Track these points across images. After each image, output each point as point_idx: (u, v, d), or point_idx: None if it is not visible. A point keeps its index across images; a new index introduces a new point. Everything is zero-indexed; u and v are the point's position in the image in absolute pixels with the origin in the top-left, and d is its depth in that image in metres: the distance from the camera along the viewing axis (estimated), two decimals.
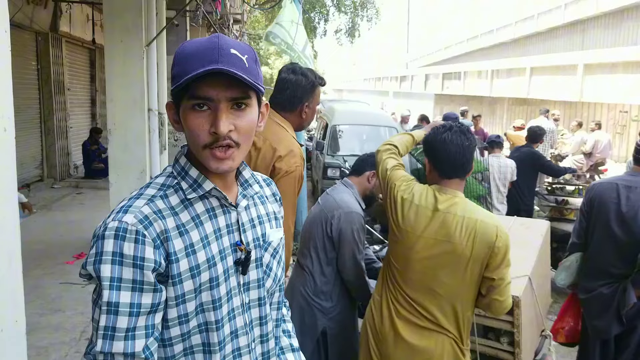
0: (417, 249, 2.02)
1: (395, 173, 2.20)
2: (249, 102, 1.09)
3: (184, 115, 1.08)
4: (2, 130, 2.27)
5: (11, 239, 2.37)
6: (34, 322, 4.00)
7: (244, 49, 1.09)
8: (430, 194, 2.06)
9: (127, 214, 1.04)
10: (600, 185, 3.02)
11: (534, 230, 2.76)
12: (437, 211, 2.00)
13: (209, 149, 1.07)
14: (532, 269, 2.43)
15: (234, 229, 1.17)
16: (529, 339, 2.41)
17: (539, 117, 10.44)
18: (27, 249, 2.49)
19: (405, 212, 2.07)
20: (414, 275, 2.05)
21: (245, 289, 1.20)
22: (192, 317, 1.10)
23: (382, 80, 39.42)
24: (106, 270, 1.01)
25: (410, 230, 2.05)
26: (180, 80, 1.04)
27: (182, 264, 1.07)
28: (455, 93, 23.46)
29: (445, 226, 1.98)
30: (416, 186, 2.12)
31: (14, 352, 2.38)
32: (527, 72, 16.51)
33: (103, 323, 1.01)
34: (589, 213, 3.01)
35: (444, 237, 1.97)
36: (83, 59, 11.39)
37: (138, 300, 1.02)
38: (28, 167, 9.02)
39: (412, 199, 2.07)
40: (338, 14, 21.26)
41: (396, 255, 2.12)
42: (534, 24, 22.56)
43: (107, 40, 5.72)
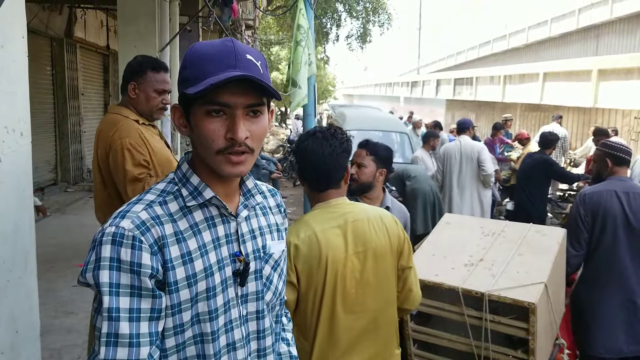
0: (350, 269, 1.84)
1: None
2: (263, 109, 1.09)
3: (197, 120, 1.06)
4: (18, 134, 2.30)
5: (27, 242, 2.40)
6: (47, 324, 4.03)
7: (257, 55, 1.09)
8: (325, 213, 1.88)
9: (124, 220, 1.03)
10: (599, 195, 3.03)
11: (551, 237, 2.73)
12: (346, 223, 1.85)
13: (223, 154, 1.06)
14: (548, 276, 2.40)
15: (233, 239, 1.16)
16: (544, 346, 2.38)
17: (552, 124, 10.36)
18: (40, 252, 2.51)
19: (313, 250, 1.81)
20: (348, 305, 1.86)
21: (243, 301, 1.17)
22: (187, 327, 1.08)
23: (393, 86, 39.35)
24: (104, 277, 0.99)
25: (333, 259, 1.81)
26: (200, 84, 1.02)
27: (179, 272, 1.05)
28: (467, 99, 23.37)
29: (361, 233, 1.85)
30: (300, 223, 1.89)
31: (28, 353, 2.40)
32: (540, 77, 16.37)
33: (105, 330, 0.99)
34: (591, 223, 3.03)
35: (363, 245, 1.85)
36: (97, 64, 11.51)
37: (137, 305, 1.01)
38: (42, 170, 9.11)
39: (310, 232, 1.82)
40: (350, 20, 21.31)
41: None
42: (546, 29, 22.44)
43: (121, 45, 5.80)
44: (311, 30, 5.97)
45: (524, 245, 2.66)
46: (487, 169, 5.73)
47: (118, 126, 2.53)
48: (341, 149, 1.89)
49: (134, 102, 2.63)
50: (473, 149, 5.78)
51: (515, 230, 2.84)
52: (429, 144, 6.58)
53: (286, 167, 13.19)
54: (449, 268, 2.55)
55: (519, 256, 2.58)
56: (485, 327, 2.35)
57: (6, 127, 2.19)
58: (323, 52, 23.47)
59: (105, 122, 2.64)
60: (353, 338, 1.85)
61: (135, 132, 2.53)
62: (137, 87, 2.61)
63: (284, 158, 13.97)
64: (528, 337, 2.27)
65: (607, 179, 3.14)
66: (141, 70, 2.60)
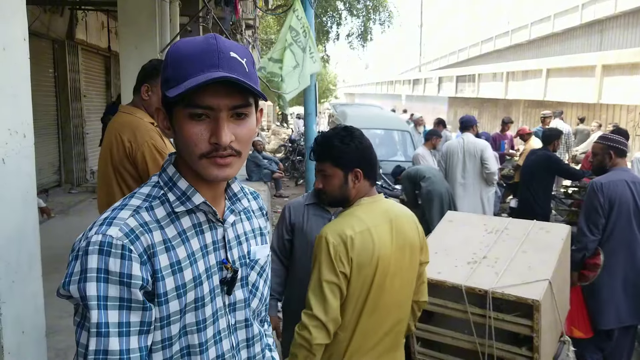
0: (391, 265, 1.87)
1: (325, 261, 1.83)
2: (249, 111, 1.03)
3: (179, 123, 1.00)
4: (21, 136, 2.31)
5: (31, 243, 2.40)
6: (53, 324, 4.02)
7: (243, 52, 1.02)
8: (373, 209, 1.92)
9: (111, 227, 0.96)
10: (615, 184, 3.32)
11: (555, 234, 2.73)
12: (393, 219, 1.91)
13: (207, 158, 1.00)
14: (552, 273, 2.39)
15: (219, 246, 1.10)
16: (548, 344, 2.38)
17: (555, 120, 10.33)
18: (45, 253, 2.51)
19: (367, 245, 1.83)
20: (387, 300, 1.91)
21: (231, 309, 1.12)
22: (175, 340, 1.02)
23: (394, 84, 39.31)
24: (92, 289, 0.92)
25: (383, 256, 1.84)
26: (180, 86, 0.96)
27: (168, 282, 0.99)
28: (469, 96, 23.32)
29: (402, 229, 1.91)
30: (352, 217, 1.89)
31: (34, 353, 2.41)
32: (544, 73, 16.33)
33: (93, 347, 0.92)
34: (608, 211, 3.30)
35: (403, 241, 1.90)
36: (99, 66, 11.51)
37: (127, 319, 0.95)
38: (46, 172, 9.13)
39: (364, 227, 1.84)
40: (350, 18, 21.27)
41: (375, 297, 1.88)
42: (550, 25, 22.35)
43: (122, 46, 5.80)
44: (312, 28, 5.94)
45: (527, 242, 2.66)
46: (491, 166, 5.71)
47: (137, 131, 2.53)
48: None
49: (146, 103, 2.64)
50: (476, 147, 5.76)
51: (518, 227, 2.83)
52: (430, 142, 6.59)
53: (288, 167, 13.19)
54: (452, 266, 2.55)
55: (523, 253, 2.58)
56: (489, 325, 2.35)
57: (9, 129, 2.19)
58: (324, 51, 23.44)
59: (119, 123, 2.63)
60: (385, 331, 1.91)
61: (156, 134, 2.54)
62: (150, 89, 2.62)
63: (286, 157, 13.97)
64: (532, 335, 2.26)
65: (612, 170, 3.42)
66: (155, 74, 2.61)
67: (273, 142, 19.41)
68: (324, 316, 1.78)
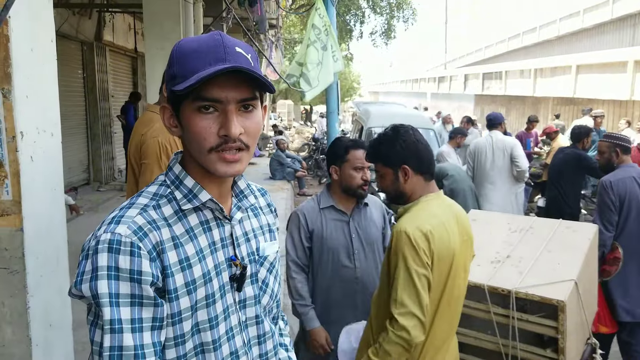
0: (460, 258, 1.91)
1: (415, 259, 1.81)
2: (256, 104, 1.04)
3: (188, 117, 1.01)
4: (49, 135, 2.37)
5: (59, 238, 2.47)
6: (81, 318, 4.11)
7: (247, 48, 1.04)
8: (441, 204, 1.96)
9: (119, 225, 0.97)
10: (624, 182, 3.49)
11: (581, 233, 2.66)
12: (458, 215, 1.97)
13: (217, 152, 1.01)
14: (578, 273, 2.34)
15: (228, 243, 1.11)
16: (574, 346, 2.32)
17: (584, 117, 10.11)
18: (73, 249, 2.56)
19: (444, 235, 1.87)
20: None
21: (241, 306, 1.13)
22: (188, 338, 1.03)
23: (419, 82, 38.99)
24: (103, 287, 0.93)
25: (456, 250, 1.88)
26: (189, 80, 0.97)
27: (178, 278, 1.00)
28: (496, 93, 22.98)
29: (464, 224, 1.97)
30: (425, 212, 1.91)
31: (61, 346, 2.48)
32: (573, 70, 15.97)
33: (108, 344, 0.93)
34: (619, 207, 3.46)
35: (466, 235, 1.96)
36: (126, 67, 11.73)
37: (139, 315, 0.95)
38: (75, 171, 9.34)
39: (438, 221, 1.87)
40: (374, 16, 21.18)
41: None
42: (579, 20, 21.86)
43: (147, 47, 5.90)
44: (333, 27, 5.93)
45: (553, 242, 2.60)
46: (522, 164, 5.58)
47: (151, 126, 2.59)
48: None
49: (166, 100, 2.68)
50: (505, 144, 5.64)
51: (544, 226, 2.78)
52: (454, 141, 6.51)
53: (311, 166, 13.21)
54: (474, 265, 2.50)
55: (548, 253, 2.52)
56: (512, 325, 2.31)
57: (37, 127, 2.25)
58: (347, 50, 23.39)
59: (141, 121, 2.73)
60: (454, 325, 1.98)
61: (167, 130, 2.59)
62: None
63: (309, 156, 14.00)
64: (557, 336, 2.22)
65: (620, 167, 3.62)
66: None
67: (297, 141, 19.48)
68: (421, 313, 1.76)
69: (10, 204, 2.11)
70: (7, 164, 2.09)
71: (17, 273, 2.15)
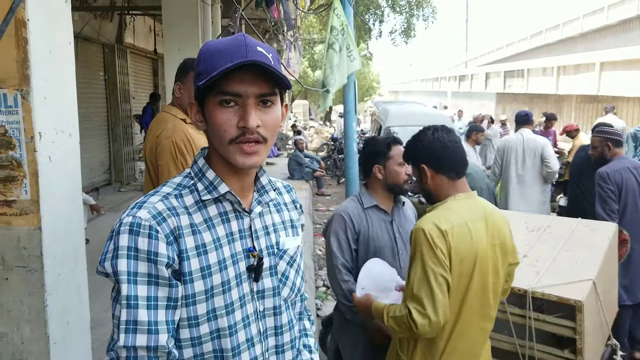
0: (489, 263, 1.87)
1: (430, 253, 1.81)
2: (274, 100, 1.10)
3: (210, 111, 1.09)
4: (67, 135, 2.40)
5: (77, 238, 2.50)
6: (100, 317, 4.17)
7: (269, 48, 1.10)
8: (468, 204, 1.92)
9: (141, 210, 1.06)
10: (620, 172, 3.77)
11: (600, 232, 2.61)
12: (487, 216, 1.91)
13: (236, 143, 1.07)
14: (597, 273, 2.29)
15: (246, 235, 1.16)
16: (593, 347, 2.28)
17: (607, 115, 9.90)
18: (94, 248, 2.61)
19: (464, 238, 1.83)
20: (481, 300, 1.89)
21: (259, 296, 1.17)
22: (202, 321, 1.08)
23: (440, 81, 38.67)
24: (122, 265, 1.01)
25: (480, 252, 1.85)
26: (209, 76, 1.04)
27: (193, 262, 1.07)
28: (518, 92, 22.68)
29: (497, 227, 1.90)
30: (448, 211, 1.90)
31: (79, 344, 2.51)
32: (597, 67, 15.67)
33: (124, 317, 1.01)
34: (618, 196, 3.72)
35: (498, 239, 1.90)
36: (146, 69, 11.89)
37: (155, 293, 1.03)
38: (97, 171, 9.49)
39: (461, 221, 1.84)
40: (393, 15, 21.07)
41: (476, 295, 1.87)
42: (603, 16, 21.46)
43: (166, 49, 5.97)
44: (350, 26, 5.92)
45: (571, 241, 2.56)
46: (553, 165, 5.47)
47: (165, 125, 2.61)
48: (459, 141, 2.01)
49: (179, 101, 2.71)
50: (537, 144, 5.52)
51: (562, 225, 2.73)
52: (472, 139, 6.40)
53: (330, 165, 13.20)
54: None
55: (566, 252, 2.48)
56: (529, 326, 2.28)
57: (55, 128, 2.29)
58: (366, 49, 23.31)
59: (155, 121, 2.75)
60: (482, 331, 1.92)
61: (181, 130, 2.60)
62: (180, 87, 2.68)
63: (328, 156, 13.99)
64: (575, 337, 2.18)
65: (614, 160, 3.91)
66: (184, 71, 2.68)
67: (316, 140, 19.48)
68: (434, 313, 1.74)
69: (28, 204, 2.15)
70: (26, 164, 2.12)
71: (36, 272, 2.18)
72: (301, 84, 8.16)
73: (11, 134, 2.10)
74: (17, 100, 2.06)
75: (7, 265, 2.18)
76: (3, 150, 2.11)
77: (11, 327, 2.19)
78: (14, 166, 2.12)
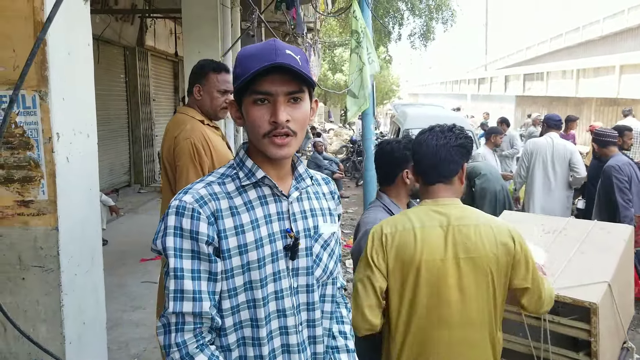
0: (448, 275, 1.74)
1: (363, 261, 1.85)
2: (303, 97, 1.23)
3: (247, 109, 1.23)
4: (85, 136, 2.44)
5: (94, 238, 2.53)
6: (116, 317, 4.24)
7: (297, 51, 1.23)
8: (429, 210, 1.81)
9: (186, 195, 1.22)
10: (627, 166, 4.53)
11: (616, 235, 2.57)
12: (450, 225, 1.76)
13: (269, 137, 1.21)
14: (612, 275, 2.26)
15: (284, 217, 1.29)
16: (609, 349, 2.25)
17: (627, 119, 9.71)
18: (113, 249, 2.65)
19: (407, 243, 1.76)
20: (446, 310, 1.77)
21: (294, 274, 1.30)
22: (240, 291, 1.23)
23: (459, 83, 38.38)
24: (170, 242, 1.18)
25: (429, 259, 1.74)
26: (243, 78, 1.18)
27: (231, 241, 1.21)
28: (538, 94, 22.41)
29: (465, 239, 1.74)
30: (401, 215, 1.86)
31: (95, 343, 2.53)
32: (617, 70, 15.41)
33: (172, 287, 1.18)
34: (629, 188, 4.38)
35: (465, 253, 1.73)
36: (167, 71, 12.03)
37: (197, 267, 1.19)
38: (117, 173, 9.64)
39: (408, 226, 1.78)
40: (412, 18, 20.98)
41: (417, 302, 1.78)
42: (623, 19, 21.10)
43: (186, 51, 6.04)
44: (369, 28, 5.91)
45: (586, 243, 2.52)
46: (581, 171, 5.36)
47: (183, 127, 2.64)
48: (456, 143, 1.83)
49: (200, 103, 2.75)
50: (566, 149, 5.41)
51: (578, 227, 2.70)
52: (490, 141, 6.33)
53: (349, 168, 13.19)
54: None
55: (581, 254, 2.45)
56: (544, 328, 2.25)
57: (73, 129, 2.33)
58: (386, 52, 23.24)
59: (172, 122, 2.78)
60: (443, 354, 1.78)
61: (199, 132, 2.63)
62: (201, 89, 2.73)
63: (347, 158, 13.99)
64: (590, 339, 2.15)
65: (612, 157, 4.71)
66: (203, 73, 2.73)
67: (335, 143, 19.49)
68: (357, 314, 1.79)
69: (46, 204, 2.18)
70: (44, 165, 2.16)
71: (52, 271, 2.21)
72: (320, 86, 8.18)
73: (29, 135, 2.14)
74: (35, 101, 2.10)
75: (24, 265, 2.22)
76: (21, 151, 2.15)
77: (27, 326, 2.22)
78: (32, 166, 2.16)
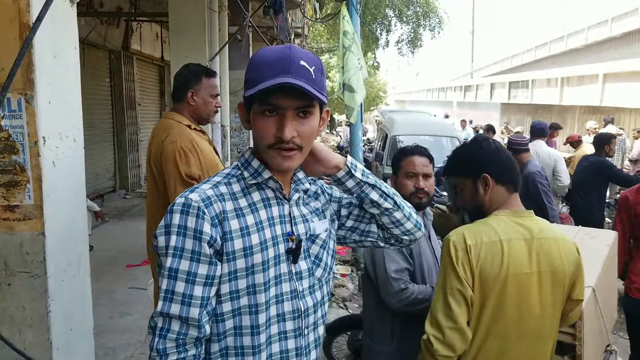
0: (532, 289, 1.73)
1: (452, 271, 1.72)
2: (312, 111, 1.21)
3: (254, 117, 1.20)
4: (72, 140, 2.41)
5: (80, 244, 2.49)
6: (103, 324, 4.19)
7: (313, 60, 1.19)
8: (511, 222, 1.76)
9: (192, 193, 1.20)
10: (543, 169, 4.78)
11: (600, 240, 2.60)
12: (533, 239, 1.74)
13: (273, 149, 1.19)
14: (596, 280, 2.29)
15: (286, 220, 1.29)
16: (593, 353, 2.27)
17: (607, 127, 9.90)
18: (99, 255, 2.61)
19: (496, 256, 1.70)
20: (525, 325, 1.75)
21: (298, 277, 1.30)
22: (243, 294, 1.21)
23: (445, 91, 38.73)
24: (172, 241, 1.16)
25: (515, 272, 1.70)
26: (254, 88, 1.15)
27: (237, 243, 1.20)
28: (522, 102, 22.69)
29: (546, 253, 1.74)
30: (484, 225, 1.77)
31: (82, 350, 2.48)
32: (600, 79, 15.70)
33: (164, 287, 1.16)
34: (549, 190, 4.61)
35: (547, 266, 1.74)
36: (153, 75, 11.94)
37: (195, 270, 1.16)
38: (102, 178, 9.52)
39: (494, 238, 1.72)
40: (400, 24, 21.15)
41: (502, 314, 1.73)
42: (607, 29, 21.50)
43: (173, 56, 6.00)
44: (357, 34, 5.96)
45: None
46: (564, 180, 5.43)
47: (170, 131, 2.62)
48: None
49: (193, 108, 2.73)
50: (550, 157, 5.48)
51: None
52: None
53: None
54: None
55: None
56: None
57: (59, 133, 2.29)
58: (373, 59, 23.38)
59: (158, 127, 2.76)
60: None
61: (187, 136, 2.62)
62: (194, 93, 2.71)
63: None
64: (575, 343, 2.17)
65: (530, 162, 4.71)
66: (197, 78, 2.72)
67: None
68: (445, 322, 1.67)
69: (32, 209, 2.14)
70: (29, 169, 2.12)
71: (39, 277, 2.17)
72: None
73: (15, 139, 2.10)
74: (21, 104, 2.07)
75: (10, 271, 2.17)
76: (6, 155, 2.10)
77: (13, 332, 2.17)
78: (17, 171, 2.12)
